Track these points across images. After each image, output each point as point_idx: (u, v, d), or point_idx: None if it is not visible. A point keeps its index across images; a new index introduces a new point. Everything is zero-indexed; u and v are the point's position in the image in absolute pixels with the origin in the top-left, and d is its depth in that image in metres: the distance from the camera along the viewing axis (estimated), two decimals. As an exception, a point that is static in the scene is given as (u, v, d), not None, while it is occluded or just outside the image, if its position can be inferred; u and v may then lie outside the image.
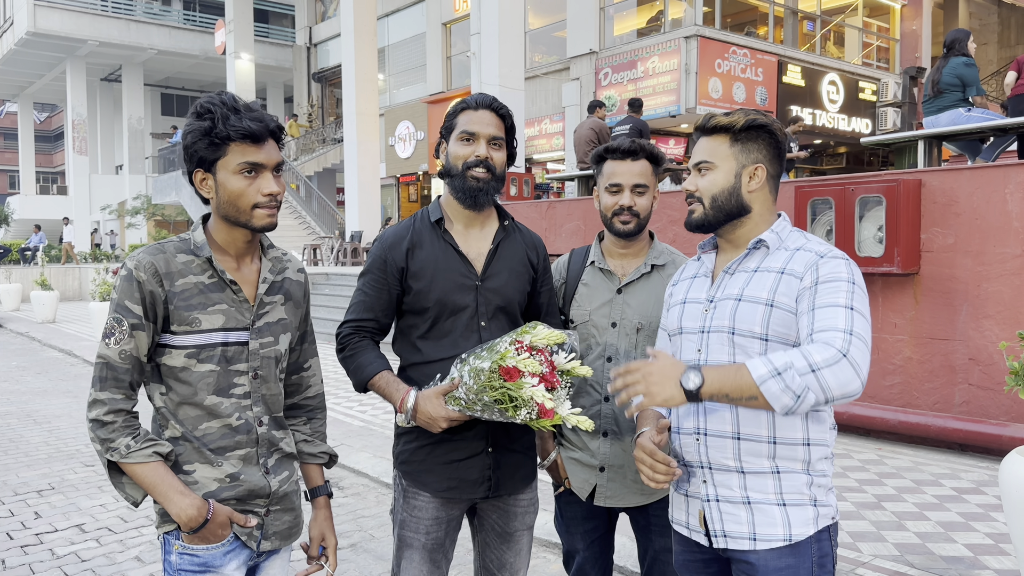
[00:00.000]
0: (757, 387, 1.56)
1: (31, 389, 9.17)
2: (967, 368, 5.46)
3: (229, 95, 1.78)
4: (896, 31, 21.36)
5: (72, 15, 28.63)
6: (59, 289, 20.23)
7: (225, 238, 1.84)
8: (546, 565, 3.91)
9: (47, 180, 49.88)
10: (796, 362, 1.55)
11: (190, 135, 1.76)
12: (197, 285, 1.78)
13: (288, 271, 1.97)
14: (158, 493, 1.72)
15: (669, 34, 16.17)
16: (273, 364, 1.89)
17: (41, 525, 4.60)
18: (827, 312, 1.65)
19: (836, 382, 1.53)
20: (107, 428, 1.70)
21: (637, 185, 2.35)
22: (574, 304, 2.44)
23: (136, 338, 1.72)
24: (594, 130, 10.42)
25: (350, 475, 5.51)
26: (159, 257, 1.76)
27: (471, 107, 2.23)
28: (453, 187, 2.22)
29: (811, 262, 1.75)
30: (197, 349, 1.77)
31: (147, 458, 1.71)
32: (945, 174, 5.67)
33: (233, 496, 1.81)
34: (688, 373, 1.60)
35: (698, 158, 1.89)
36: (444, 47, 22.75)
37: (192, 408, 1.78)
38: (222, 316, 1.79)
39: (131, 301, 1.72)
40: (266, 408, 1.88)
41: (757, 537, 1.76)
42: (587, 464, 2.39)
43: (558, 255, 2.71)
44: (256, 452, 1.85)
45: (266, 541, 1.88)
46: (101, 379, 1.72)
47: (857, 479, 4.87)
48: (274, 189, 1.78)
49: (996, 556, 3.68)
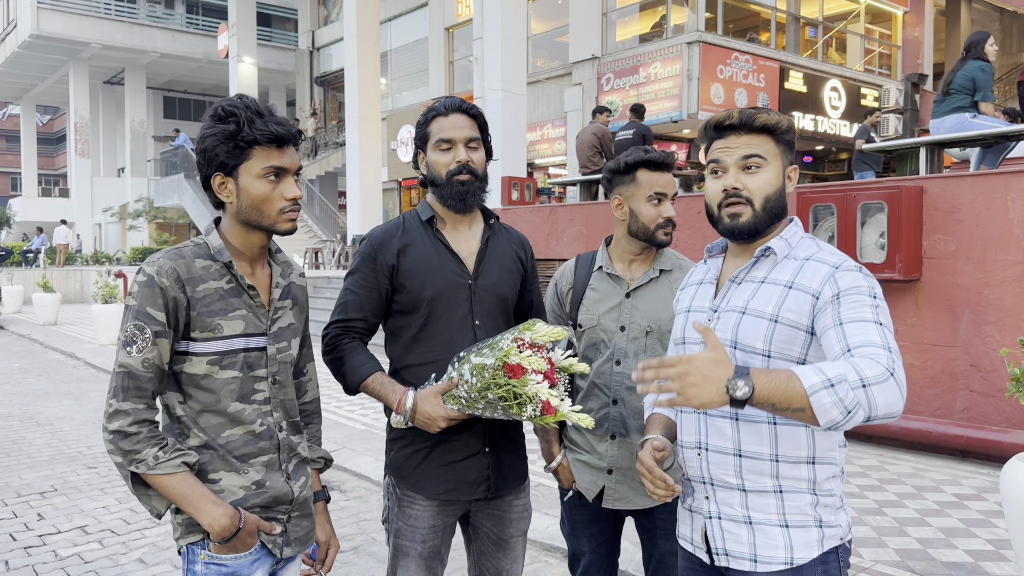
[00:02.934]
0: (807, 398, 1.41)
1: (33, 391, 9.18)
2: (968, 374, 5.47)
3: (251, 99, 1.77)
4: (898, 38, 21.39)
5: (75, 18, 28.68)
6: (61, 291, 20.26)
7: (242, 242, 1.82)
8: (547, 569, 3.92)
9: (49, 182, 49.90)
10: (848, 375, 1.42)
11: (211, 138, 1.73)
12: (218, 291, 1.76)
13: (293, 276, 1.97)
14: (188, 504, 1.69)
15: (671, 40, 16.20)
16: (288, 369, 1.90)
17: (44, 527, 4.61)
18: (859, 327, 1.55)
19: (884, 401, 1.42)
20: (132, 439, 1.66)
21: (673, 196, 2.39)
22: (582, 308, 2.45)
23: (159, 346, 1.69)
24: (597, 135, 10.42)
25: (352, 478, 5.51)
26: (180, 263, 1.73)
27: (441, 113, 2.21)
28: (440, 195, 2.22)
29: (826, 275, 1.66)
30: (220, 356, 1.75)
31: (176, 468, 1.68)
32: (947, 181, 5.69)
33: (259, 503, 1.80)
34: (737, 380, 1.42)
35: (746, 151, 1.74)
36: (447, 52, 22.80)
37: (214, 416, 1.76)
38: (242, 322, 1.78)
39: (153, 308, 1.68)
40: (285, 413, 1.88)
41: (758, 559, 1.69)
42: (595, 466, 2.40)
43: (560, 260, 2.72)
44: (278, 458, 1.85)
45: (287, 548, 1.87)
46: (124, 388, 1.67)
47: (858, 485, 4.87)
48: (297, 193, 1.78)
49: (997, 562, 3.69)
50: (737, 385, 1.42)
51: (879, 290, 1.65)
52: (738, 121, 1.75)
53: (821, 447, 1.70)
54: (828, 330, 1.59)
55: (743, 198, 1.73)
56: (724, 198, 1.76)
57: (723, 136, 1.78)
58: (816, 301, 1.64)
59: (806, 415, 1.43)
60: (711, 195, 1.80)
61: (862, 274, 1.66)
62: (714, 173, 1.80)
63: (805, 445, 1.69)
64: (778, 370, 1.48)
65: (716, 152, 1.78)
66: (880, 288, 1.66)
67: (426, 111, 2.25)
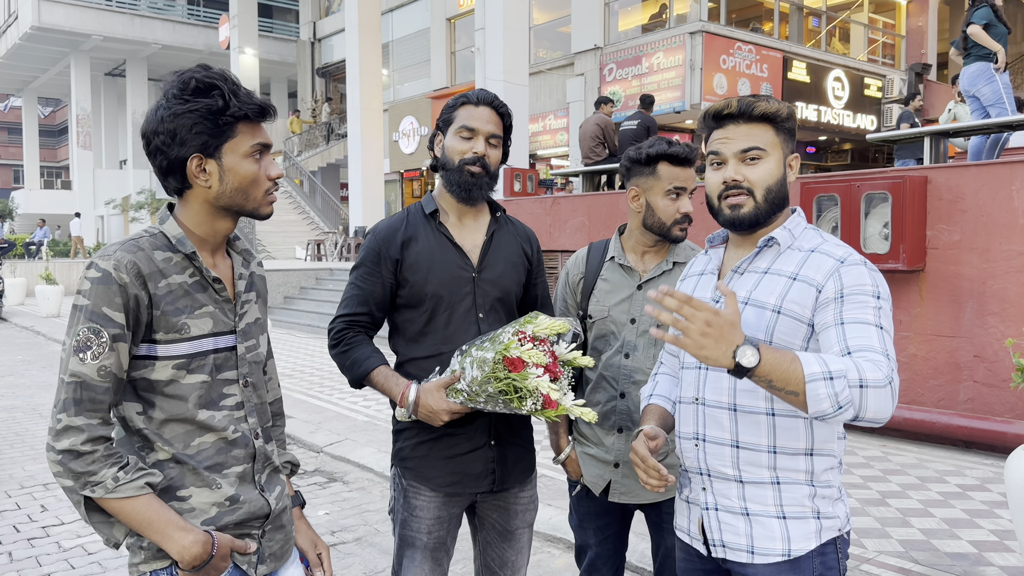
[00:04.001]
0: (804, 384, 1.43)
1: (36, 383, 9.19)
2: (972, 365, 5.45)
3: (217, 70, 1.57)
4: (902, 27, 21.28)
5: (76, 9, 28.61)
6: (63, 283, 20.26)
7: (207, 230, 1.63)
8: (551, 560, 3.92)
9: (51, 175, 49.94)
10: (849, 373, 1.43)
11: (188, 115, 1.52)
12: (182, 286, 1.57)
13: (253, 264, 1.78)
14: (153, 531, 1.49)
15: (674, 30, 16.13)
16: (259, 370, 1.73)
17: (47, 518, 4.62)
18: (860, 329, 1.54)
19: (876, 406, 1.44)
20: (85, 459, 1.44)
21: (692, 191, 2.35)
22: (593, 299, 2.42)
23: (117, 351, 1.48)
24: (600, 126, 10.39)
25: (355, 470, 5.52)
26: (139, 255, 1.52)
27: (472, 102, 2.20)
28: (448, 180, 2.20)
29: (831, 269, 1.64)
30: (187, 359, 1.56)
31: (138, 491, 1.48)
32: (951, 171, 5.66)
33: (233, 520, 1.61)
34: (746, 348, 1.42)
35: (746, 144, 1.71)
36: (448, 42, 22.72)
37: (180, 424, 1.57)
38: (210, 319, 1.60)
39: (111, 308, 1.47)
40: (260, 419, 1.72)
41: (755, 550, 1.69)
42: (602, 460, 2.39)
43: (563, 251, 2.70)
44: (252, 468, 1.67)
45: (262, 565, 1.69)
46: (76, 401, 1.45)
47: (862, 476, 4.87)
48: (280, 172, 1.63)
49: (1001, 553, 3.68)
50: (746, 353, 1.42)
51: (884, 288, 1.63)
52: (737, 110, 1.73)
53: (820, 439, 1.69)
54: (828, 328, 1.58)
55: (744, 189, 1.71)
56: (724, 189, 1.74)
57: (722, 125, 1.76)
58: (819, 294, 1.63)
59: (798, 399, 1.45)
60: (711, 186, 1.78)
61: (868, 270, 1.64)
62: (714, 164, 1.77)
63: (803, 437, 1.68)
64: (784, 350, 1.48)
65: (715, 143, 1.76)
66: (885, 285, 1.64)
67: (457, 96, 2.24)
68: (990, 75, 7.14)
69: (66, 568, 3.92)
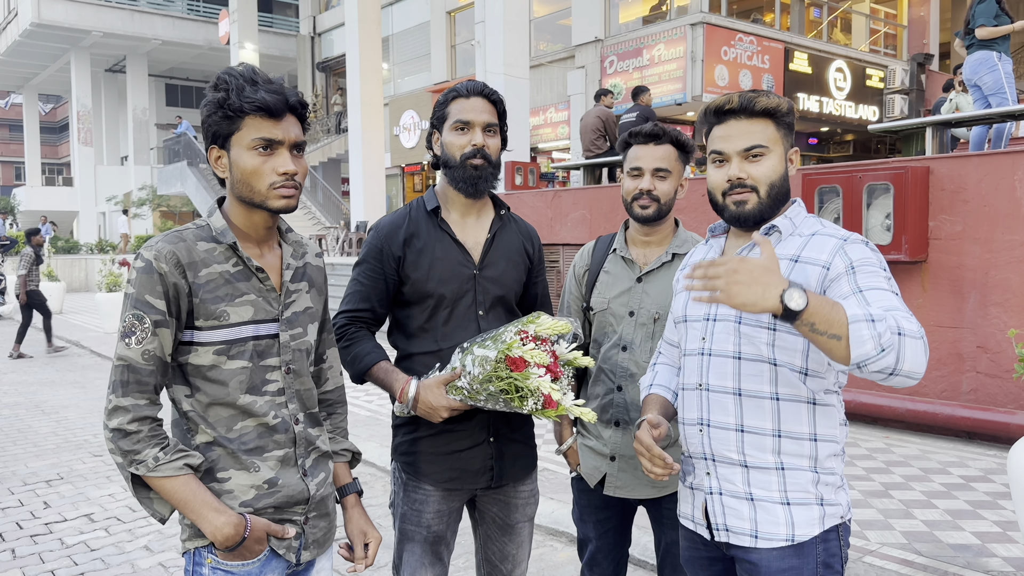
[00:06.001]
0: (847, 326, 1.42)
1: (39, 380, 9.21)
2: (975, 356, 5.44)
3: (249, 67, 1.67)
4: (904, 17, 21.18)
5: (76, 6, 28.56)
6: (66, 280, 20.29)
7: (244, 222, 1.71)
8: (552, 553, 3.92)
9: (52, 171, 49.87)
10: (888, 320, 1.43)
11: (206, 108, 1.65)
12: (223, 275, 1.64)
13: (308, 256, 1.85)
14: (190, 510, 1.58)
15: (675, 21, 16.06)
16: (304, 357, 1.78)
17: (50, 515, 4.63)
18: (879, 295, 1.55)
19: (913, 357, 1.43)
20: (131, 438, 1.55)
21: (659, 169, 2.29)
22: (595, 291, 2.42)
23: (160, 336, 1.58)
24: (600, 118, 10.37)
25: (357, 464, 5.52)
26: (180, 246, 1.62)
27: (462, 95, 2.19)
28: (452, 177, 2.20)
29: (835, 247, 1.66)
30: (227, 345, 1.64)
31: (177, 471, 1.57)
32: (953, 161, 5.63)
33: (272, 504, 1.68)
34: (793, 291, 1.42)
35: (750, 142, 1.73)
36: (448, 36, 22.65)
37: (224, 408, 1.65)
38: (251, 307, 1.67)
39: (152, 295, 1.57)
40: (301, 404, 1.76)
41: (759, 535, 1.70)
42: (599, 452, 2.38)
43: (564, 244, 2.70)
44: (294, 453, 1.73)
45: (305, 551, 1.75)
46: (123, 383, 1.56)
47: (864, 467, 4.86)
48: (291, 168, 1.64)
49: (1004, 544, 3.67)
50: (793, 296, 1.42)
51: (886, 264, 1.66)
52: (738, 105, 1.74)
53: (823, 424, 1.71)
54: (848, 297, 1.58)
55: (748, 186, 1.73)
56: (729, 188, 1.75)
57: (723, 121, 1.77)
58: (827, 272, 1.65)
59: (840, 343, 1.43)
60: (714, 184, 1.79)
61: (870, 248, 1.67)
62: (716, 161, 1.79)
63: (807, 421, 1.70)
64: (824, 296, 1.48)
65: (718, 142, 1.77)
66: (886, 263, 1.67)
67: (447, 92, 2.24)
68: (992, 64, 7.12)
69: (69, 564, 3.93)
